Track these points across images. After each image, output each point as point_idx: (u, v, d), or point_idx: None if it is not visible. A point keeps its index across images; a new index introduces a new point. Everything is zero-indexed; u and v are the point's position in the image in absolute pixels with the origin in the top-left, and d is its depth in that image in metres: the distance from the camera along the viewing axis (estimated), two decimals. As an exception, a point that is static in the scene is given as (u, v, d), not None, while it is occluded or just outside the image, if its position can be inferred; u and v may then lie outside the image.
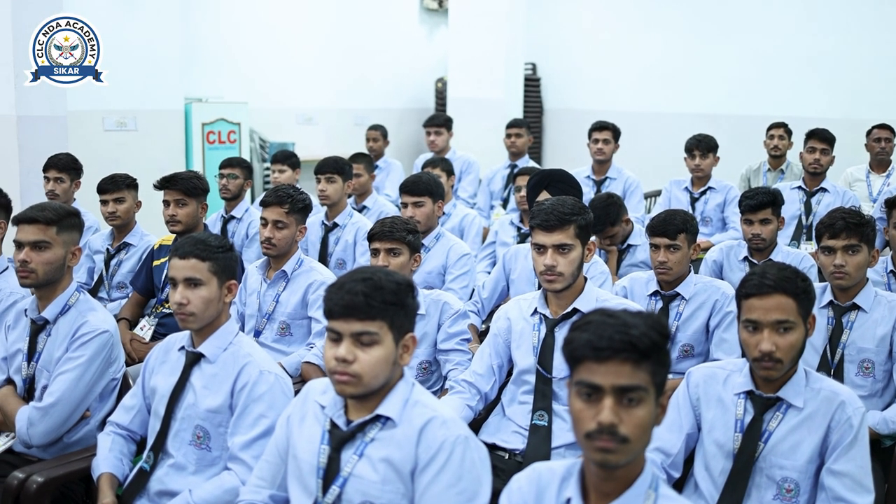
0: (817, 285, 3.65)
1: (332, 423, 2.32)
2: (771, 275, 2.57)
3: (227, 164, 5.69)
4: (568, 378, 1.93)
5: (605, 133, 6.40)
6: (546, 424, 3.14)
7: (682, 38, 10.21)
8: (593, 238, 3.37)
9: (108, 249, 4.95)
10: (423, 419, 2.25)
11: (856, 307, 3.54)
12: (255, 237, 5.44)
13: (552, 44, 11.05)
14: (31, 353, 3.21)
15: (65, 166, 5.34)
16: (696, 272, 4.70)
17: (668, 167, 8.27)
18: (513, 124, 7.03)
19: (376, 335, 2.20)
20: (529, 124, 7.12)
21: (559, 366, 3.16)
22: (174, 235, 4.57)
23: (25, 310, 3.27)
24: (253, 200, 6.99)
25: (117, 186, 4.84)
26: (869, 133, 6.77)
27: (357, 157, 6.18)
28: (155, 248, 4.65)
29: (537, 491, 2.04)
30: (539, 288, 4.29)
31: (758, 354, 2.54)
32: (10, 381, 3.28)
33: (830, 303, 3.59)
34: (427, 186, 4.66)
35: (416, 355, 3.57)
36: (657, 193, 7.12)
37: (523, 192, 5.35)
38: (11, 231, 3.40)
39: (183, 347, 2.85)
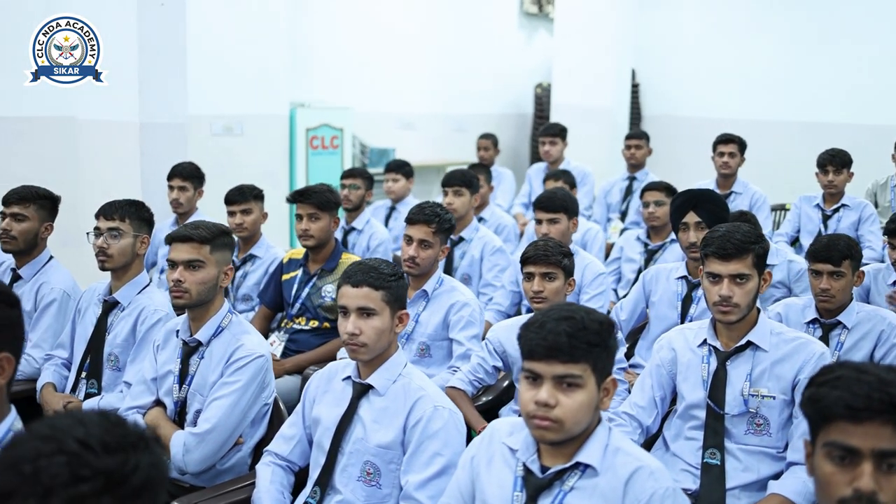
0: None
1: (526, 468, 2.19)
2: None
3: (349, 174, 5.62)
4: (807, 438, 1.76)
5: (731, 146, 6.17)
6: (719, 463, 2.96)
7: (786, 44, 9.88)
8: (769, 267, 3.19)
9: (233, 261, 4.89)
10: (628, 469, 2.11)
11: None
12: (376, 249, 5.35)
13: (652, 49, 10.79)
14: (183, 376, 3.13)
15: (189, 174, 5.33)
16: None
17: (769, 177, 7.99)
18: (633, 135, 6.85)
19: (580, 378, 2.06)
20: (649, 135, 6.89)
21: (732, 401, 2.99)
22: (304, 249, 4.50)
23: (177, 330, 3.20)
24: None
25: (245, 197, 4.81)
26: None
27: (476, 167, 6.06)
28: (284, 261, 4.58)
29: None
30: (682, 314, 4.17)
31: None
32: (158, 403, 3.22)
33: None
34: (563, 203, 4.51)
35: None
36: (779, 207, 6.87)
37: (652, 208, 5.19)
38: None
39: (349, 377, 2.74)
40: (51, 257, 4.11)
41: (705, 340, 3.10)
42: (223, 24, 7.43)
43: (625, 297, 4.89)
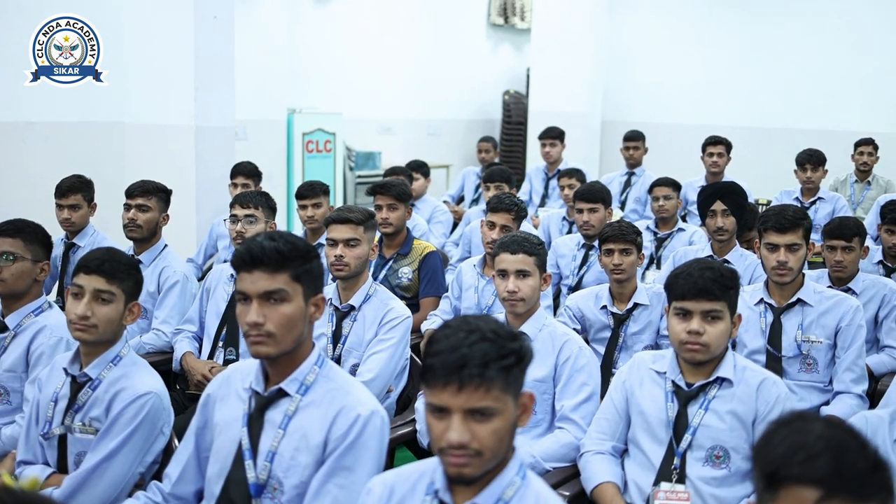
0: None
1: (675, 384, 2.87)
2: None
3: (393, 171, 6.23)
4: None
5: (720, 147, 6.98)
6: (779, 396, 3.71)
7: (735, 55, 10.86)
8: (813, 240, 3.94)
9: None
10: (757, 379, 2.82)
11: None
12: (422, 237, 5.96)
13: (611, 58, 11.60)
14: (337, 337, 3.73)
15: (250, 173, 5.90)
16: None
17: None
18: (631, 137, 7.60)
19: (721, 312, 2.77)
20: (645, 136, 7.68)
21: (787, 346, 3.75)
22: (378, 235, 5.09)
23: (330, 299, 3.79)
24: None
25: (315, 193, 5.37)
26: None
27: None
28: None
29: None
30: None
31: None
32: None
33: None
34: (601, 194, 5.22)
35: (642, 340, 4.12)
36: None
37: (661, 202, 5.89)
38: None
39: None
40: (165, 245, 4.64)
41: (761, 299, 3.84)
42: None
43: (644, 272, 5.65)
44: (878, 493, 1.45)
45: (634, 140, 7.58)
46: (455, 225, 7.17)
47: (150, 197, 4.54)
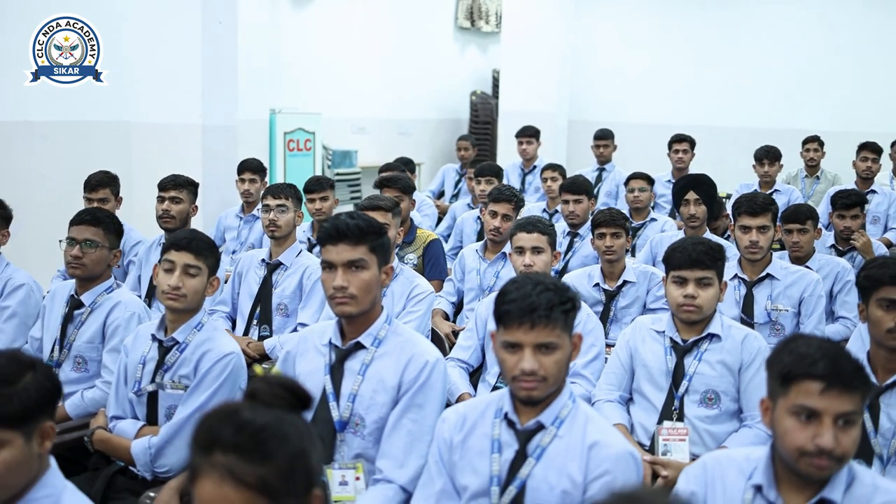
0: None
1: (672, 340, 3.42)
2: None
3: (386, 167, 6.72)
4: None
5: (685, 144, 7.59)
6: (752, 359, 4.28)
7: (693, 59, 11.57)
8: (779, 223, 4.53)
9: (308, 239, 5.94)
10: (741, 335, 3.37)
11: None
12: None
13: (577, 59, 12.16)
14: (367, 311, 4.23)
15: (256, 168, 6.35)
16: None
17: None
18: (601, 136, 8.18)
19: (712, 279, 3.33)
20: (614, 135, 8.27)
21: (759, 315, 4.34)
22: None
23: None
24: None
25: (322, 187, 5.80)
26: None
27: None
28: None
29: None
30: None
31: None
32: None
33: None
34: (584, 186, 5.77)
35: (630, 313, 4.66)
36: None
37: (636, 193, 6.47)
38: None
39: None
40: (195, 234, 5.08)
41: (735, 275, 4.42)
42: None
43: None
44: (861, 386, 2.04)
45: (605, 139, 8.17)
46: (439, 219, 7.66)
47: (181, 189, 5.00)
